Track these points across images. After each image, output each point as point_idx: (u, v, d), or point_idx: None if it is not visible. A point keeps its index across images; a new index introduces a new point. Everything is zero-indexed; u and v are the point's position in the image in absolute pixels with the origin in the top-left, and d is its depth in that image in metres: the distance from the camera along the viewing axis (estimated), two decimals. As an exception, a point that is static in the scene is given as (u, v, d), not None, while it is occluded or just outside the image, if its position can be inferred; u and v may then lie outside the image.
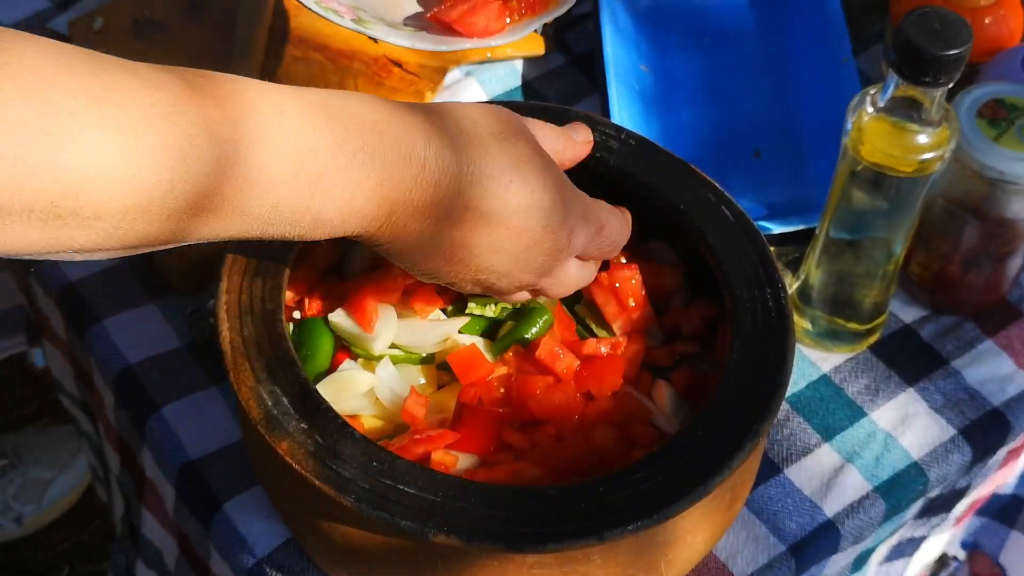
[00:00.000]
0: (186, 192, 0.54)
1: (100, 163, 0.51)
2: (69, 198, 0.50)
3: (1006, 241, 0.84)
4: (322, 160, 0.58)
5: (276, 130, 0.56)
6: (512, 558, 0.64)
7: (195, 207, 0.54)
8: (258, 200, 0.56)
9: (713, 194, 0.77)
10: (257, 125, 0.56)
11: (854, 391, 0.84)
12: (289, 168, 0.57)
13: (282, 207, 0.57)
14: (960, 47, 0.69)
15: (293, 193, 0.57)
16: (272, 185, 0.56)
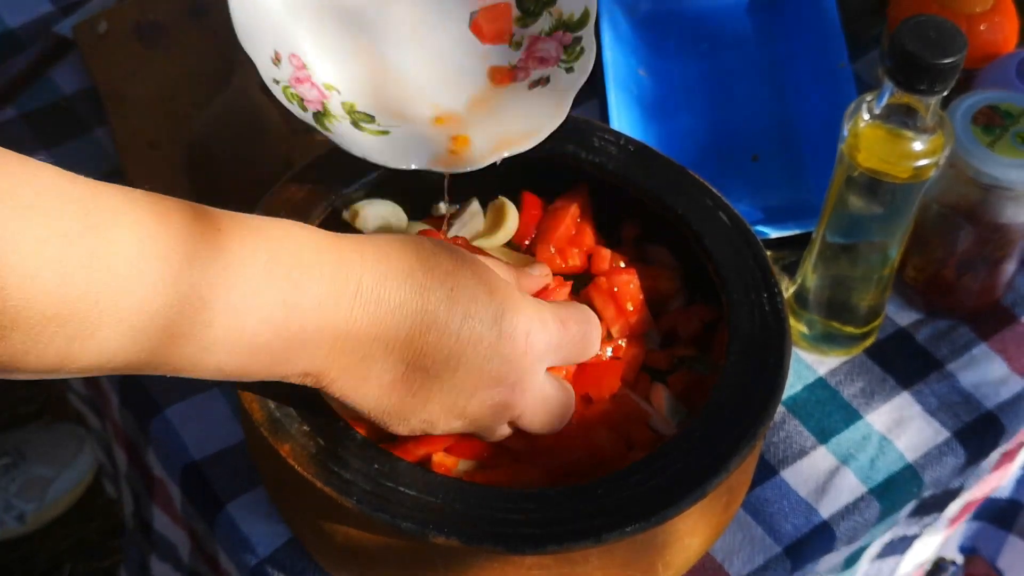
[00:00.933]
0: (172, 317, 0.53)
1: (105, 280, 0.51)
2: (73, 321, 0.50)
3: (1000, 246, 0.85)
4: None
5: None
6: (511, 559, 0.65)
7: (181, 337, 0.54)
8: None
9: (710, 199, 0.78)
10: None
11: (849, 394, 0.85)
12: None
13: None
14: (955, 55, 0.70)
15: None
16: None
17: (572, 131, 0.80)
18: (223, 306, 0.55)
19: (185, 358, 0.55)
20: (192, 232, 0.54)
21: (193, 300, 0.54)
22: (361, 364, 0.60)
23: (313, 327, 0.58)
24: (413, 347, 0.60)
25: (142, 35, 1.01)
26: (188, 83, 0.98)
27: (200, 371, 0.57)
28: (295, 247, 0.58)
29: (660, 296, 0.79)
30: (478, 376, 0.62)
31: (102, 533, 1.62)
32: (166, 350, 0.54)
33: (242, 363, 0.57)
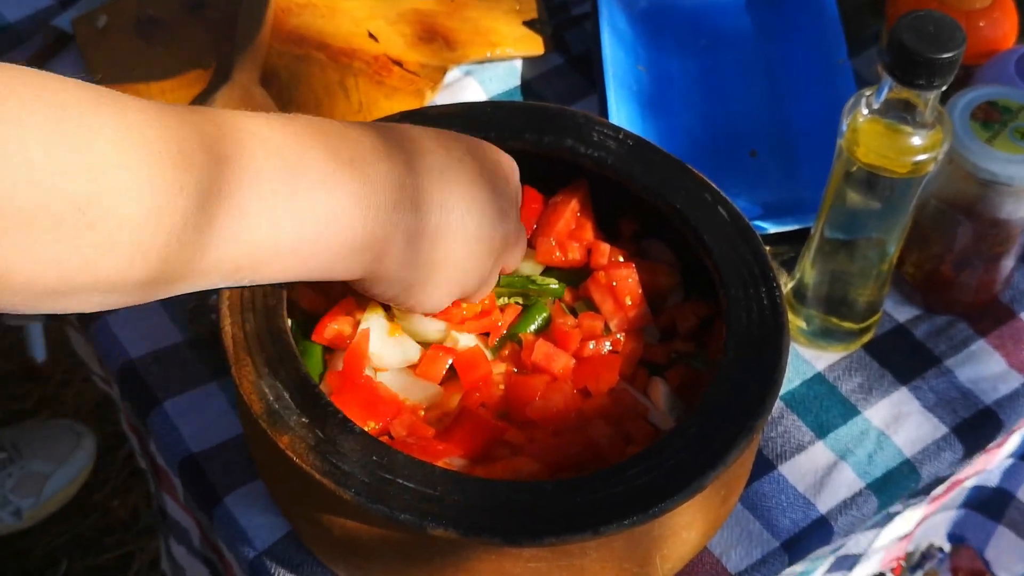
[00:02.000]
0: (192, 200, 0.55)
1: (119, 164, 0.52)
2: (94, 205, 0.51)
3: (999, 241, 0.85)
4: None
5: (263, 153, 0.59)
6: (509, 552, 0.65)
7: (199, 222, 0.55)
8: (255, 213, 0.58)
9: (709, 194, 0.78)
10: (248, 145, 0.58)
11: (848, 389, 0.85)
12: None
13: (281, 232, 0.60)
14: (954, 50, 0.70)
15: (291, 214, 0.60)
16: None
17: (571, 126, 0.80)
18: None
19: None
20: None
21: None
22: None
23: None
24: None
25: (141, 30, 1.01)
26: (187, 77, 0.98)
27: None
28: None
29: (659, 291, 0.79)
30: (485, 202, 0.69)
31: (98, 529, 1.62)
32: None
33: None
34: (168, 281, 0.57)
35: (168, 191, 0.54)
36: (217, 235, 0.57)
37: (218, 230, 0.57)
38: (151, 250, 0.54)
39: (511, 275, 0.78)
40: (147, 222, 0.53)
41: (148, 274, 0.55)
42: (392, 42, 1.00)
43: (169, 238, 0.54)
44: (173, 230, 0.54)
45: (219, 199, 0.56)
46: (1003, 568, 0.96)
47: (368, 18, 1.02)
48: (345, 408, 0.68)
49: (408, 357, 0.74)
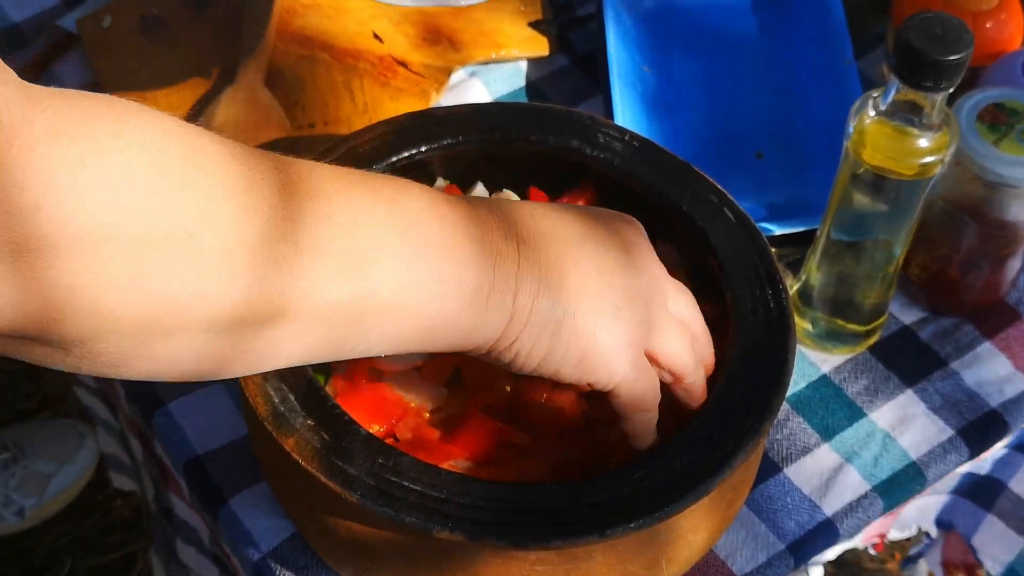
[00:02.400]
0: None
1: (219, 198, 0.52)
2: (200, 231, 0.51)
3: (1005, 243, 0.85)
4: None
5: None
6: (515, 554, 0.65)
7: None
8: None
9: (715, 195, 0.78)
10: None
11: (853, 391, 0.85)
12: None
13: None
14: (961, 52, 0.69)
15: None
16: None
17: (577, 127, 0.80)
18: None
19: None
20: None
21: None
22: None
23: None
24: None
25: (146, 30, 1.01)
26: (192, 78, 0.98)
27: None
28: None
29: (664, 292, 0.79)
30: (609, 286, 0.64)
31: (101, 529, 1.62)
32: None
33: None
34: (263, 319, 0.54)
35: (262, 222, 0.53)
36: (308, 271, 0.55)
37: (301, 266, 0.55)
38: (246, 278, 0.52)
39: None
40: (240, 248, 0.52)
41: (245, 307, 0.53)
42: (397, 43, 1.00)
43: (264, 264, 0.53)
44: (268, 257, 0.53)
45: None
46: (990, 556, 0.96)
47: (373, 19, 1.01)
48: (351, 410, 0.67)
49: (414, 359, 0.74)
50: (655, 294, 0.66)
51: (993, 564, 0.96)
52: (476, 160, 0.81)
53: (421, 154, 0.79)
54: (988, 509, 0.94)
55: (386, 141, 0.78)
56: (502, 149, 0.80)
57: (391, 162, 0.78)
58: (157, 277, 0.49)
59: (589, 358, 0.63)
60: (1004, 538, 0.94)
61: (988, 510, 0.94)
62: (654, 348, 0.66)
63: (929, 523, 0.97)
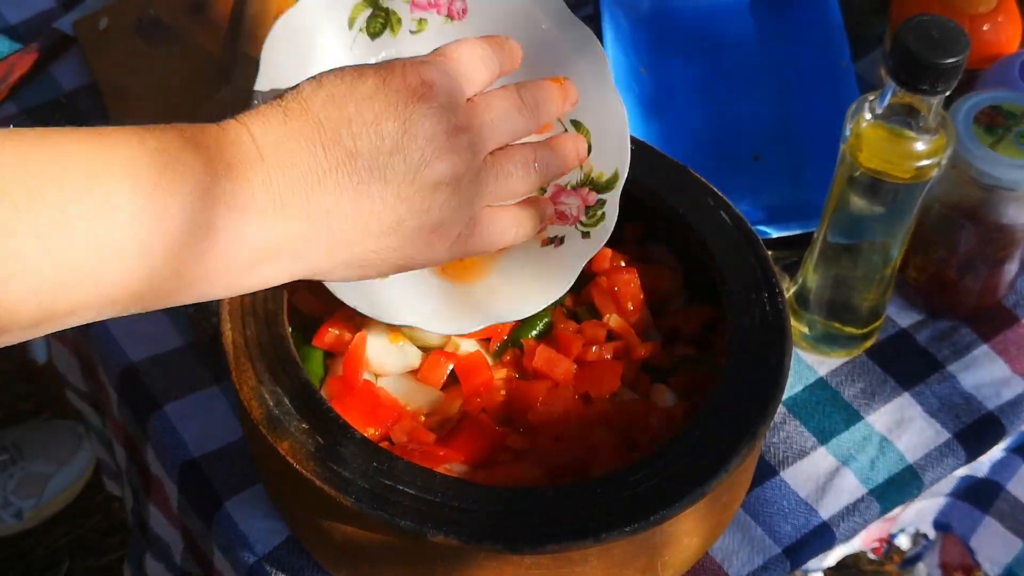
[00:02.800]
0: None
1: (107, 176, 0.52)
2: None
3: (1002, 246, 0.85)
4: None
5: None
6: (510, 558, 0.65)
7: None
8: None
9: (712, 198, 0.78)
10: None
11: (850, 395, 0.85)
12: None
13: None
14: (957, 55, 0.69)
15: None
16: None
17: (573, 129, 0.80)
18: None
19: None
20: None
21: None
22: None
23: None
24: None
25: (143, 31, 1.01)
26: (188, 79, 0.98)
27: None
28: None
29: (661, 295, 0.79)
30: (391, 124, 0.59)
31: (100, 530, 1.62)
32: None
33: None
34: (172, 290, 0.56)
35: (156, 197, 0.53)
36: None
37: None
38: (152, 253, 0.53)
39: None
40: (142, 225, 0.53)
41: (151, 277, 0.54)
42: (394, 45, 1.00)
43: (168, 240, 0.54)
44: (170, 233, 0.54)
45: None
46: (987, 558, 0.96)
47: (370, 20, 1.01)
48: (346, 414, 0.67)
49: (409, 363, 0.74)
50: (453, 171, 0.60)
51: (991, 566, 0.96)
52: (472, 163, 0.81)
53: (417, 157, 0.78)
54: (986, 511, 0.94)
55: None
56: (498, 152, 0.80)
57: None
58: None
59: (407, 268, 0.62)
60: (1002, 540, 0.94)
61: (986, 512, 0.94)
62: (491, 203, 0.63)
63: (927, 525, 0.97)
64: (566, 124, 0.73)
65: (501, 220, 0.65)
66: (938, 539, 1.01)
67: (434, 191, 0.60)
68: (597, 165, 0.73)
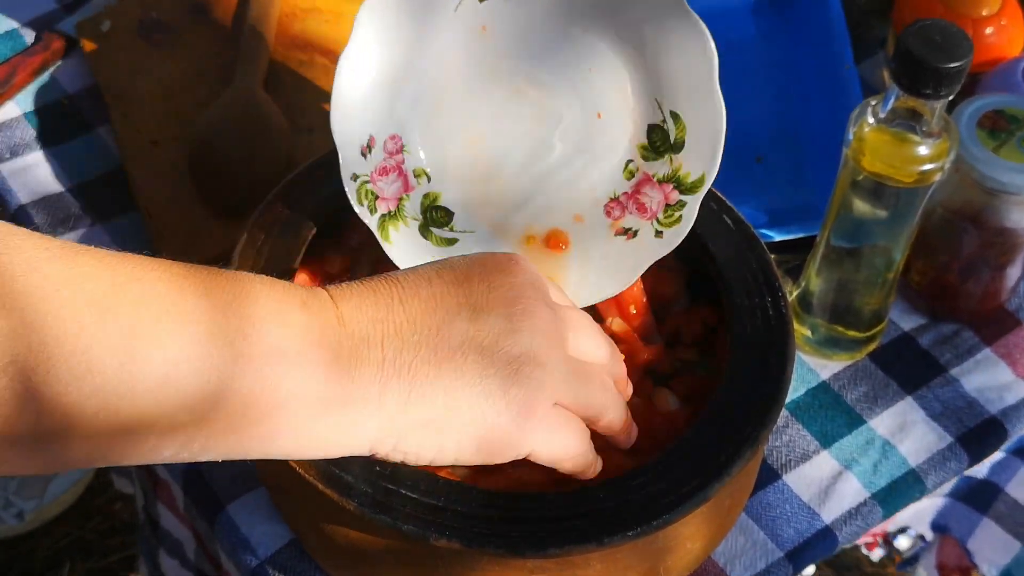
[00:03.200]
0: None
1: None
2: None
3: (1005, 250, 0.85)
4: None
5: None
6: (513, 562, 0.65)
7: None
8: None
9: (714, 201, 0.78)
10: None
11: (853, 398, 0.85)
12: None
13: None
14: (961, 60, 0.69)
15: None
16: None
17: (576, 133, 0.80)
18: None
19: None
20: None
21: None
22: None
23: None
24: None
25: (145, 33, 1.00)
26: (191, 81, 0.98)
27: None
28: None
29: (663, 299, 0.79)
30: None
31: (101, 532, 1.62)
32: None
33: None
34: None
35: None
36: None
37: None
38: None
39: None
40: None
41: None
42: (397, 47, 1.00)
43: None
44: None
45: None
46: (985, 560, 0.96)
47: (373, 23, 1.01)
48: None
49: None
50: (550, 348, 0.62)
51: (989, 568, 0.96)
52: (475, 166, 0.81)
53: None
54: (984, 513, 0.94)
55: (385, 147, 0.78)
56: (501, 155, 0.80)
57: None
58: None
59: (487, 443, 0.61)
60: (1000, 542, 0.94)
61: (984, 514, 0.94)
62: (562, 400, 0.63)
63: (925, 526, 0.97)
64: (665, 114, 0.72)
65: (575, 424, 0.64)
66: (936, 540, 1.01)
67: (520, 355, 0.61)
68: (686, 164, 0.72)
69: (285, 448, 0.59)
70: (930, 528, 0.97)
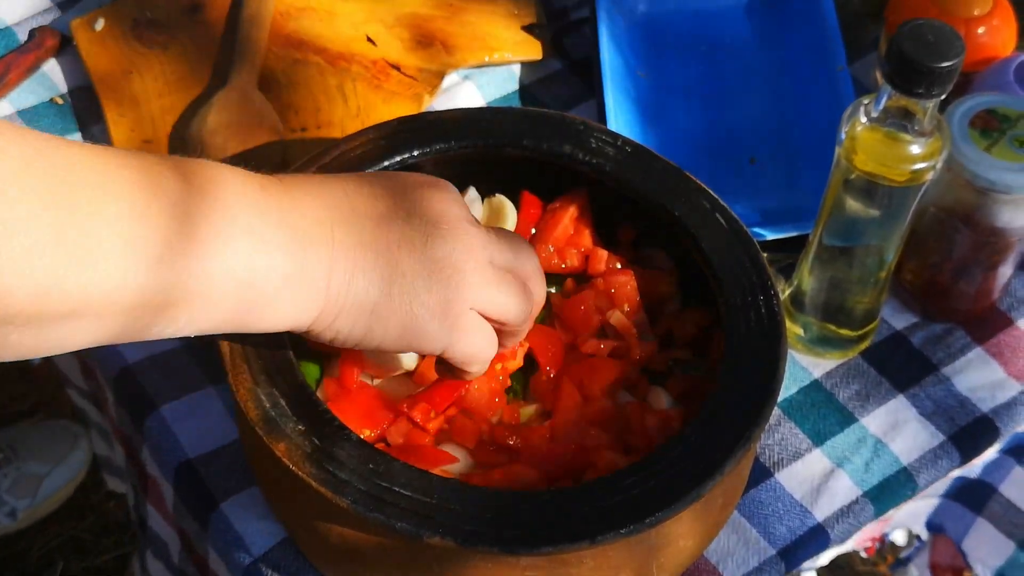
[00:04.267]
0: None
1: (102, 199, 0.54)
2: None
3: (997, 250, 0.85)
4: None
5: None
6: (506, 560, 0.65)
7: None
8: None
9: (708, 201, 0.78)
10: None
11: (845, 397, 0.85)
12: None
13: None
14: (953, 59, 0.70)
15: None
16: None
17: (570, 132, 0.80)
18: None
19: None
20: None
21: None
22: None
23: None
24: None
25: (139, 32, 1.00)
26: (184, 80, 0.98)
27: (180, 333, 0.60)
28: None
29: (657, 298, 0.79)
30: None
31: (95, 531, 1.62)
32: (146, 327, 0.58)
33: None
34: (154, 306, 0.57)
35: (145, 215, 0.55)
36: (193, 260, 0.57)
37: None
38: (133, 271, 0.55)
39: None
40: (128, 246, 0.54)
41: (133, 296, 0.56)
42: (390, 46, 1.00)
43: (149, 259, 0.55)
44: (152, 252, 0.55)
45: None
46: (979, 560, 0.96)
47: (366, 22, 1.01)
48: (342, 415, 0.68)
49: (405, 364, 0.74)
50: (470, 256, 0.66)
51: (983, 569, 0.97)
52: (468, 164, 0.81)
53: (413, 158, 0.79)
54: (978, 513, 0.94)
55: (378, 145, 0.79)
56: (495, 154, 0.80)
57: (383, 166, 0.78)
58: (47, 270, 0.52)
59: (409, 332, 0.65)
60: (994, 542, 0.94)
61: (978, 514, 0.94)
62: (478, 306, 0.67)
63: (920, 527, 0.97)
64: None
65: (489, 331, 0.68)
66: (930, 540, 1.01)
67: (445, 261, 0.65)
68: None
69: (247, 323, 0.62)
70: (925, 527, 0.97)
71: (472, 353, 0.67)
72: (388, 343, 0.65)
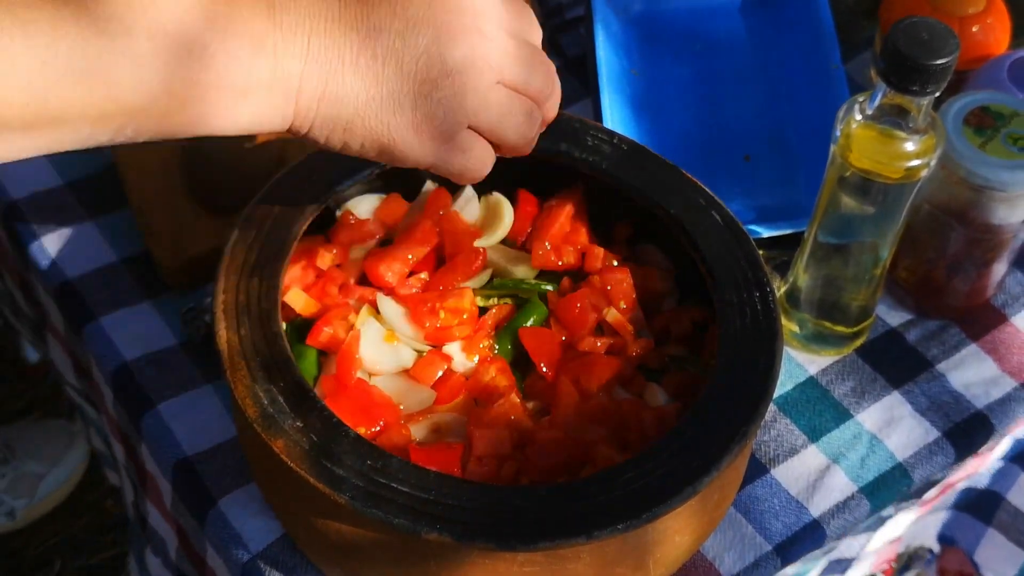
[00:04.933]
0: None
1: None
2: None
3: (991, 246, 0.85)
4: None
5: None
6: (503, 556, 0.65)
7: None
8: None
9: (703, 198, 0.78)
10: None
11: (840, 393, 0.85)
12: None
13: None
14: (947, 57, 0.70)
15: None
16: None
17: (566, 130, 0.80)
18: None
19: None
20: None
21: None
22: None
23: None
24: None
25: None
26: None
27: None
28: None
29: (653, 295, 0.79)
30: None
31: (92, 529, 1.62)
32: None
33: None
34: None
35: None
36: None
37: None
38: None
39: (502, 279, 0.78)
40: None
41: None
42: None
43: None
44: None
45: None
46: (992, 570, 0.96)
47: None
48: (339, 412, 0.68)
49: (402, 361, 0.74)
50: (473, 67, 0.61)
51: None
52: (465, 163, 0.81)
53: (410, 157, 0.79)
54: (988, 523, 0.94)
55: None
56: (491, 152, 0.80)
57: (381, 165, 0.78)
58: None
59: (388, 151, 0.63)
60: (1005, 551, 0.94)
61: (988, 523, 0.94)
62: (477, 125, 0.64)
63: (931, 540, 0.97)
64: None
65: (485, 148, 0.65)
66: (942, 552, 1.01)
67: (440, 78, 0.61)
68: None
69: (211, 126, 0.59)
70: (937, 541, 0.97)
71: (463, 171, 0.65)
72: (371, 156, 0.63)
